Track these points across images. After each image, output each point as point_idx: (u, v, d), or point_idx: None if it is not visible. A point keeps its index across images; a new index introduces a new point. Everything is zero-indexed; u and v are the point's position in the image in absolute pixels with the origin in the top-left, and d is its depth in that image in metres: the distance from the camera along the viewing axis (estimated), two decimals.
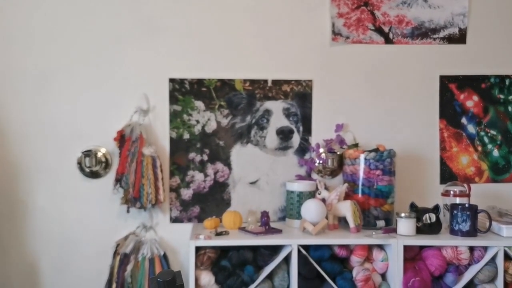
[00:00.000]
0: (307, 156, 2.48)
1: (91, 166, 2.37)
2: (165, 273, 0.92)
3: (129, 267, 2.29)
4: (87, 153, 2.36)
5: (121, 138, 2.34)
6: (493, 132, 2.55)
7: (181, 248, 2.40)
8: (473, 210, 2.15)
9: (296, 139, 2.47)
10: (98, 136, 2.38)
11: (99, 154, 2.38)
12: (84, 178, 2.39)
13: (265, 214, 2.24)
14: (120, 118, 2.37)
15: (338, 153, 2.45)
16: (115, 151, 2.37)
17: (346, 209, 2.20)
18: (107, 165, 2.39)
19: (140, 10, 2.39)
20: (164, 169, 2.37)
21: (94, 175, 2.39)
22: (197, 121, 2.43)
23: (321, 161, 2.46)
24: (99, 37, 2.38)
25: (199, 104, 2.43)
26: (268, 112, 2.46)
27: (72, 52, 2.38)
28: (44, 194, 2.38)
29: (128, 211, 2.34)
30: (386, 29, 2.48)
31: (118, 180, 2.33)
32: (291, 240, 2.10)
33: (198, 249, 2.09)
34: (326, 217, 2.22)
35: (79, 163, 2.38)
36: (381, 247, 2.16)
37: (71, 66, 2.38)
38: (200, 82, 2.42)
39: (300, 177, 2.47)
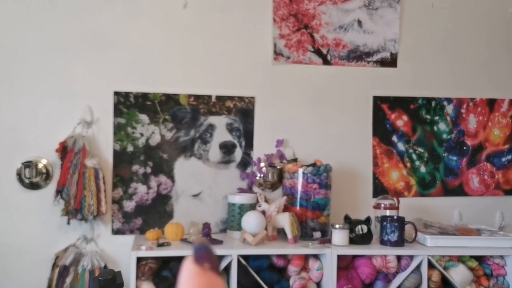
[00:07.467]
0: (248, 170, 2.57)
1: (31, 177, 2.34)
2: (106, 272, 0.97)
3: (68, 280, 2.27)
4: (27, 164, 2.34)
5: (63, 150, 2.34)
6: (420, 149, 2.75)
7: (123, 260, 2.40)
8: (401, 222, 2.31)
9: (238, 153, 2.56)
10: (39, 147, 2.36)
11: (40, 165, 2.36)
12: (23, 189, 2.36)
13: (206, 226, 2.30)
14: (63, 129, 2.37)
15: (278, 167, 2.56)
16: (56, 162, 2.36)
17: (285, 220, 2.30)
18: (47, 176, 2.37)
19: (86, 23, 2.42)
20: (106, 181, 2.39)
21: (34, 186, 2.36)
22: (141, 134, 2.47)
23: (262, 175, 2.56)
24: (43, 48, 2.38)
25: (144, 117, 2.47)
26: (211, 127, 2.53)
27: (15, 62, 2.36)
28: None
29: (68, 223, 2.32)
30: (324, 51, 2.64)
31: (59, 192, 2.32)
32: (231, 250, 2.17)
33: (139, 259, 2.11)
34: (266, 229, 2.31)
35: (19, 174, 2.35)
36: (316, 256, 2.28)
37: (13, 75, 2.36)
38: (145, 96, 2.47)
39: (241, 190, 2.55)
